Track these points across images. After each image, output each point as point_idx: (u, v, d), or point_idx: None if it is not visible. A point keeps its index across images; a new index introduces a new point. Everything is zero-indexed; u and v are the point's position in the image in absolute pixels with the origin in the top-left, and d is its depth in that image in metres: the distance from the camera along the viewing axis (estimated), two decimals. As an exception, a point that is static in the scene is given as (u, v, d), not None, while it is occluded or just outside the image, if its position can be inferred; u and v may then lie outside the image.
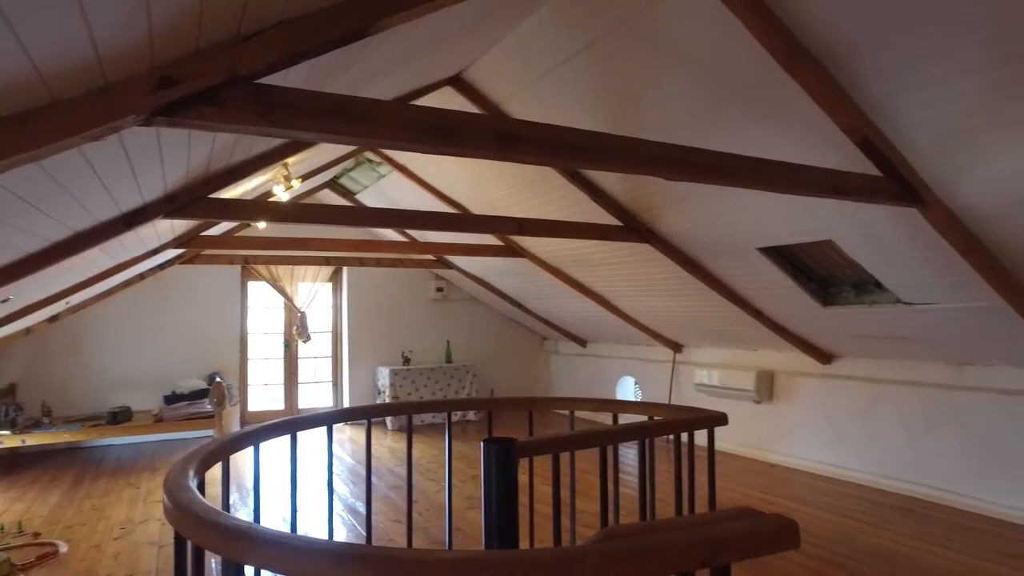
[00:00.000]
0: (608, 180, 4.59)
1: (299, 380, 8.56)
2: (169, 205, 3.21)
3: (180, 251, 5.70)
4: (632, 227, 4.92)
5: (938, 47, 2.41)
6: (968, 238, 3.24)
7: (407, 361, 8.57)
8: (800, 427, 5.74)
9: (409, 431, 3.33)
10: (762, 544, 1.36)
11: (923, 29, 2.37)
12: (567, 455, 2.57)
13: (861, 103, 2.80)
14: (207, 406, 6.74)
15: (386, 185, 6.70)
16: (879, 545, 3.86)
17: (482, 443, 2.14)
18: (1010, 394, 4.31)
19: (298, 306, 8.25)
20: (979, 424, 4.47)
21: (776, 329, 5.40)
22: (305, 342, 8.35)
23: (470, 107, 4.23)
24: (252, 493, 2.64)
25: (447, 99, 4.23)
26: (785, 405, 5.90)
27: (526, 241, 6.33)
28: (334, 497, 3.27)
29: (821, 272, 4.60)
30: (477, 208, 6.03)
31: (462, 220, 5.16)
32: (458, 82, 4.17)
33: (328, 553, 1.21)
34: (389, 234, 7.88)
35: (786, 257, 4.53)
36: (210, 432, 6.60)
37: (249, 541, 1.26)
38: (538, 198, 5.25)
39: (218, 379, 6.92)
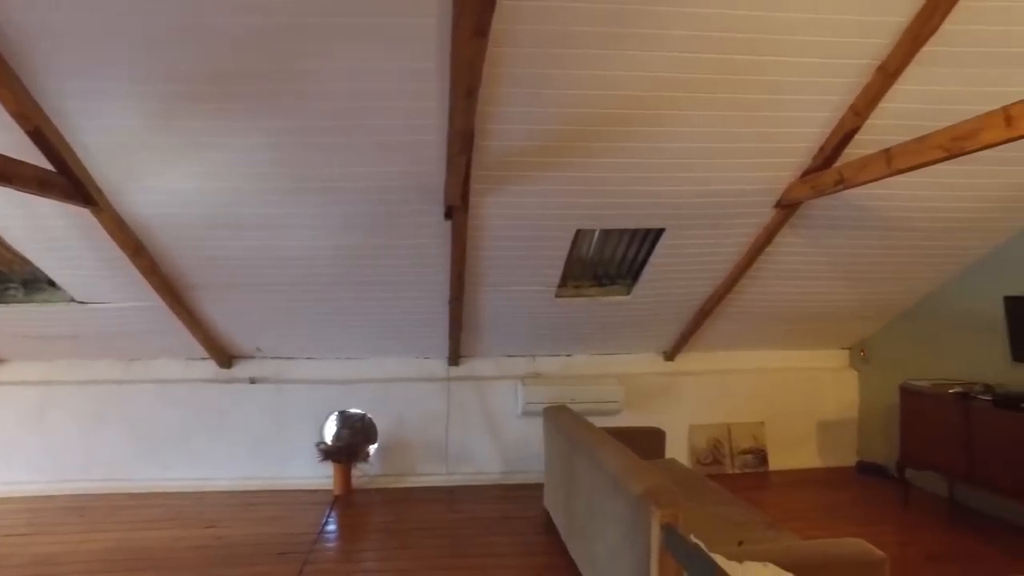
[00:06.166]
0: None
1: None
2: None
3: None
4: None
5: (105, 67, 2.59)
6: (136, 243, 3.59)
7: None
8: (-47, 448, 4.95)
9: None
10: None
11: (91, 43, 2.51)
12: None
13: (35, 93, 2.72)
14: None
15: None
16: (43, 552, 3.78)
17: None
18: (168, 382, 5.00)
19: None
20: (144, 413, 4.97)
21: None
22: None
23: None
24: None
25: None
26: (-68, 425, 4.97)
27: None
28: None
29: (-15, 268, 4.15)
30: None
31: None
32: None
33: None
34: None
35: (-62, 248, 3.87)
36: None
37: None
38: None
39: None
